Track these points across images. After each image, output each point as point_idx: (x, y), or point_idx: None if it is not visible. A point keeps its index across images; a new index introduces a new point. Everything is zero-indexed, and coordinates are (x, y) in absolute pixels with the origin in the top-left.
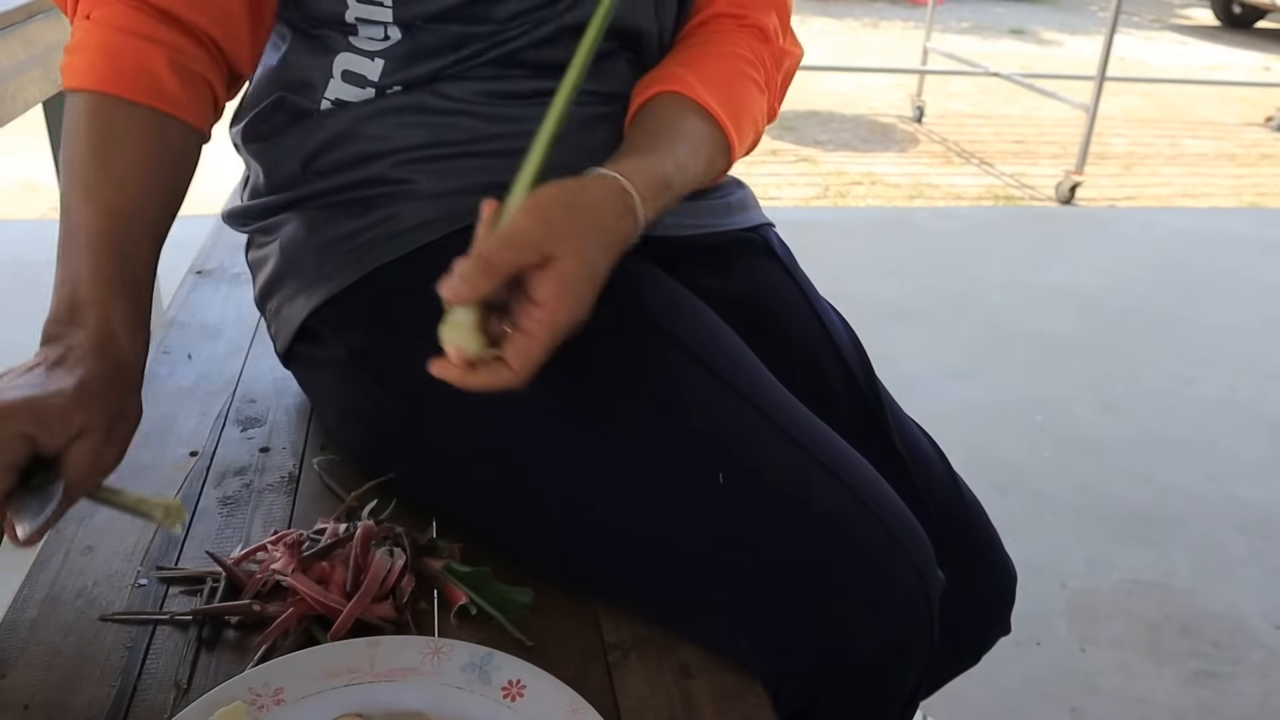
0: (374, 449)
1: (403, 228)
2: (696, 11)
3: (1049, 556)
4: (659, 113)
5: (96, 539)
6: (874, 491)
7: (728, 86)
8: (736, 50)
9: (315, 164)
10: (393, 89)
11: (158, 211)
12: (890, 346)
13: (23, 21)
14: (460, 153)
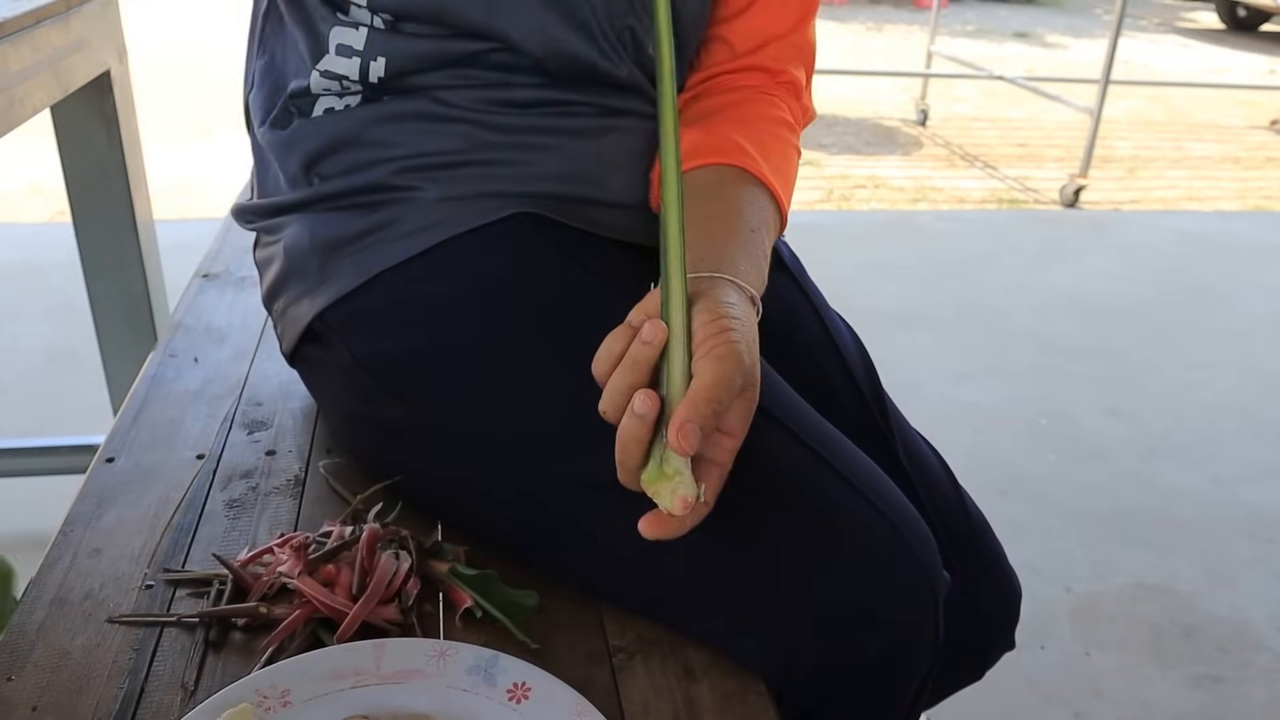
0: (379, 451)
1: (404, 232)
2: (733, 56)
3: (1053, 560)
4: (740, 195)
5: (104, 541)
6: (880, 491)
7: (782, 163)
8: (780, 115)
9: (318, 167)
10: (391, 94)
11: None
12: (894, 350)
13: (31, 26)
14: (462, 161)
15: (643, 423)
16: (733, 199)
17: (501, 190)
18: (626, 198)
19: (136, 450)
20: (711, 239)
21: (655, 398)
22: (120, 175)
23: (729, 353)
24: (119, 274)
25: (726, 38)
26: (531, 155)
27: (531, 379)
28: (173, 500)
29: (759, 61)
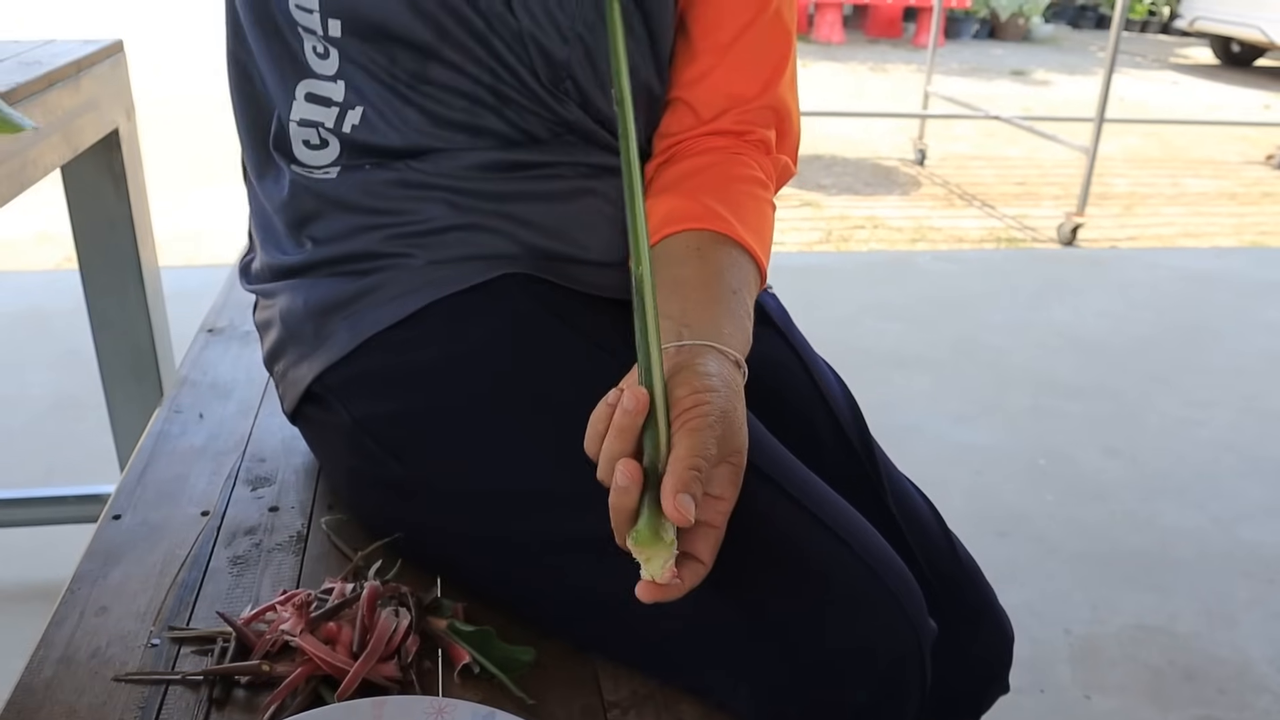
0: (379, 510)
1: (394, 295)
2: (699, 121)
3: (1052, 602)
4: (719, 257)
5: (110, 599)
6: (866, 543)
7: (757, 222)
8: (752, 174)
9: (308, 229)
10: (369, 159)
11: None
12: (893, 391)
13: (43, 90)
14: (447, 226)
15: (626, 493)
16: (712, 262)
17: (487, 253)
18: (607, 256)
19: (143, 507)
20: (693, 306)
21: (636, 467)
22: (127, 229)
23: (701, 424)
24: (126, 326)
25: (690, 102)
26: (513, 219)
27: (523, 437)
28: (178, 557)
29: (725, 126)
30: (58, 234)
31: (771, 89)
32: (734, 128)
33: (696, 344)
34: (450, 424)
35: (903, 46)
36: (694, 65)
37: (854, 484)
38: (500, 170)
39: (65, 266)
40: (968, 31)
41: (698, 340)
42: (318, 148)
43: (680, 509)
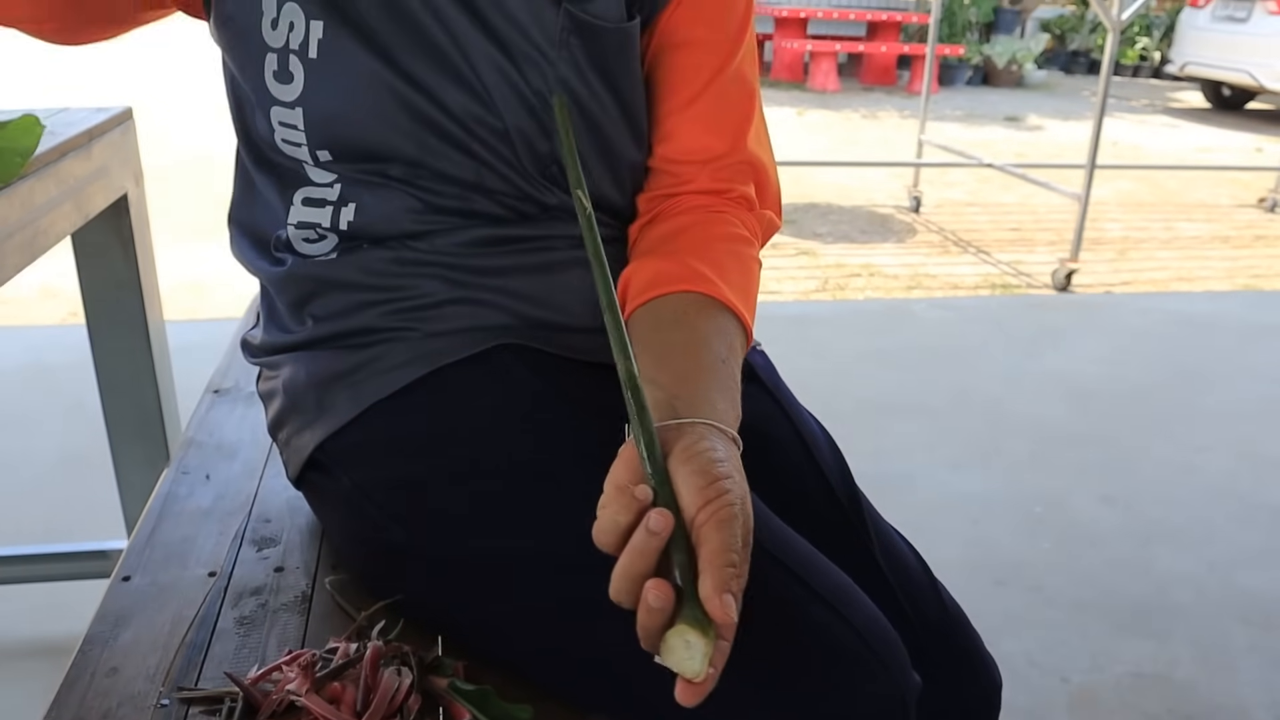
0: (381, 573)
1: (394, 365)
2: (677, 182)
3: (1050, 651)
4: (705, 323)
5: (121, 660)
6: (850, 603)
7: (742, 280)
8: (736, 232)
9: (309, 307)
10: (367, 242)
11: None
12: (890, 440)
13: (56, 160)
14: (444, 300)
15: (661, 614)
16: (698, 329)
17: (482, 325)
18: (596, 321)
19: (152, 568)
20: (684, 376)
21: (668, 588)
22: (135, 291)
23: (727, 515)
24: (132, 386)
25: (664, 167)
26: (506, 292)
27: (518, 503)
28: (186, 618)
29: (705, 185)
30: (62, 289)
31: (741, 144)
32: (714, 186)
33: (697, 422)
34: (447, 490)
35: (897, 94)
36: (660, 126)
37: (840, 535)
38: (492, 245)
39: (70, 321)
40: (962, 78)
41: (696, 418)
42: (316, 241)
43: (726, 610)
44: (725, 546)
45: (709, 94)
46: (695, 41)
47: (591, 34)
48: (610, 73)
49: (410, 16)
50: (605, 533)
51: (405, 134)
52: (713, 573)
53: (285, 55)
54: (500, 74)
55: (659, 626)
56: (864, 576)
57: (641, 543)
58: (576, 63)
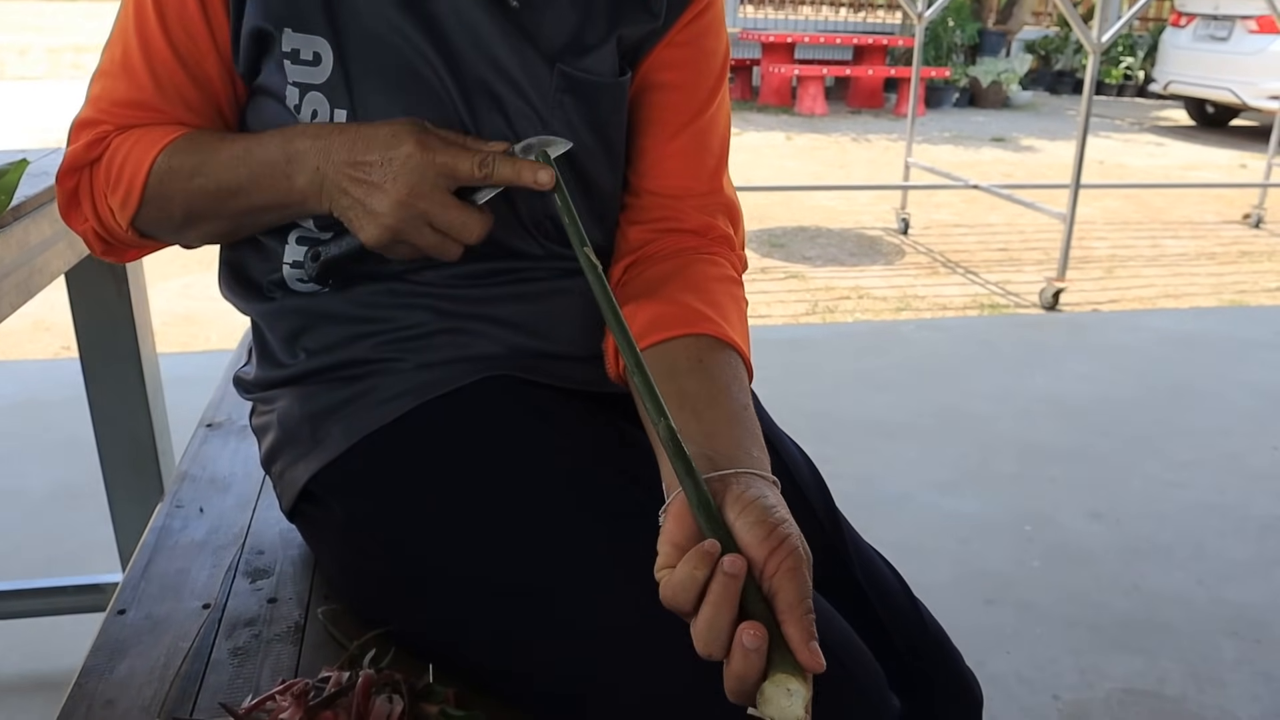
0: (373, 602)
1: (385, 397)
2: (659, 219)
3: (1041, 669)
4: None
5: (116, 693)
6: (829, 630)
7: (739, 321)
8: (726, 273)
9: (301, 340)
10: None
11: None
12: (880, 461)
13: (50, 201)
14: (433, 331)
15: (759, 656)
16: (717, 377)
17: (471, 354)
18: (582, 349)
19: (146, 602)
20: (715, 427)
21: (761, 628)
22: (128, 326)
23: (798, 563)
24: (126, 421)
25: (650, 202)
26: (495, 321)
27: (508, 532)
28: (181, 650)
29: (688, 224)
30: (55, 323)
31: (718, 184)
32: (698, 226)
33: (740, 472)
34: (439, 521)
35: (884, 116)
36: (641, 159)
37: (821, 557)
38: (481, 277)
39: (63, 355)
40: (948, 100)
41: (737, 468)
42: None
43: (816, 658)
44: (802, 594)
45: (691, 132)
46: (677, 84)
47: (584, 91)
48: (601, 126)
49: (426, 88)
50: (682, 589)
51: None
52: (796, 621)
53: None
54: (497, 134)
55: (758, 670)
56: (845, 597)
57: (721, 590)
58: (570, 120)
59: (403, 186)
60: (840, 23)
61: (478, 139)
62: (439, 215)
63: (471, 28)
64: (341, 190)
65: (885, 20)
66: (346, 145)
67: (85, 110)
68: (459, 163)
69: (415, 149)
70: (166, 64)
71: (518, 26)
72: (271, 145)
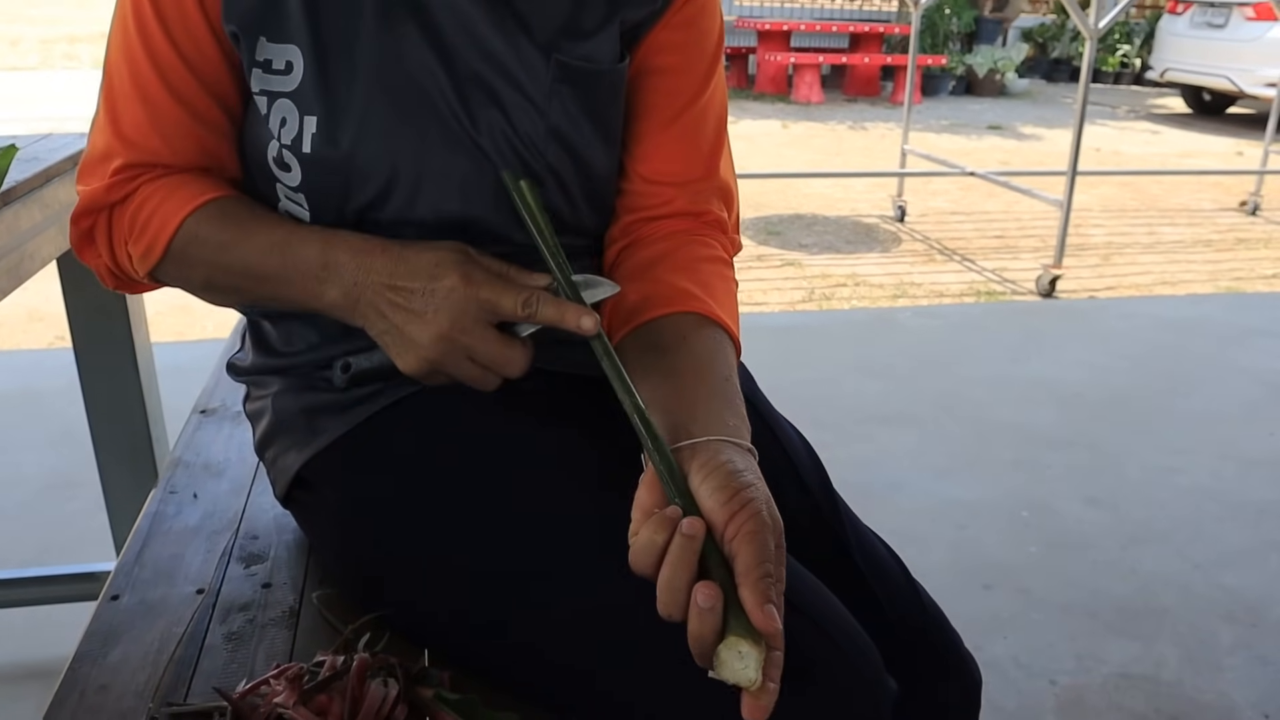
0: (367, 586)
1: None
2: (656, 204)
3: (1038, 654)
4: (704, 344)
5: (110, 678)
6: (826, 614)
7: (728, 300)
8: (716, 254)
9: (297, 333)
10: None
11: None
12: (877, 449)
13: (40, 187)
14: None
15: (712, 613)
16: (699, 352)
17: None
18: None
19: (140, 587)
20: (693, 400)
21: (714, 587)
22: (122, 315)
23: (757, 526)
24: (120, 409)
25: (642, 188)
26: None
27: (501, 518)
28: (175, 635)
29: (680, 208)
30: (49, 313)
31: (714, 169)
32: (691, 209)
33: (711, 439)
34: (432, 506)
35: (881, 104)
36: (637, 145)
37: (819, 539)
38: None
39: (57, 345)
40: (945, 88)
41: (708, 435)
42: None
43: (770, 620)
44: (759, 558)
45: (686, 118)
46: (673, 68)
47: (583, 80)
48: (600, 114)
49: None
50: (643, 553)
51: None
52: (751, 585)
53: (279, 147)
54: (493, 128)
55: (713, 630)
56: (843, 579)
57: (679, 550)
58: (568, 110)
59: (444, 320)
60: (836, 10)
61: (522, 270)
62: (480, 350)
63: (464, 19)
64: (379, 313)
65: (881, 8)
66: (388, 267)
67: (97, 141)
68: (503, 299)
69: (459, 282)
70: (178, 73)
71: (512, 15)
72: (309, 246)
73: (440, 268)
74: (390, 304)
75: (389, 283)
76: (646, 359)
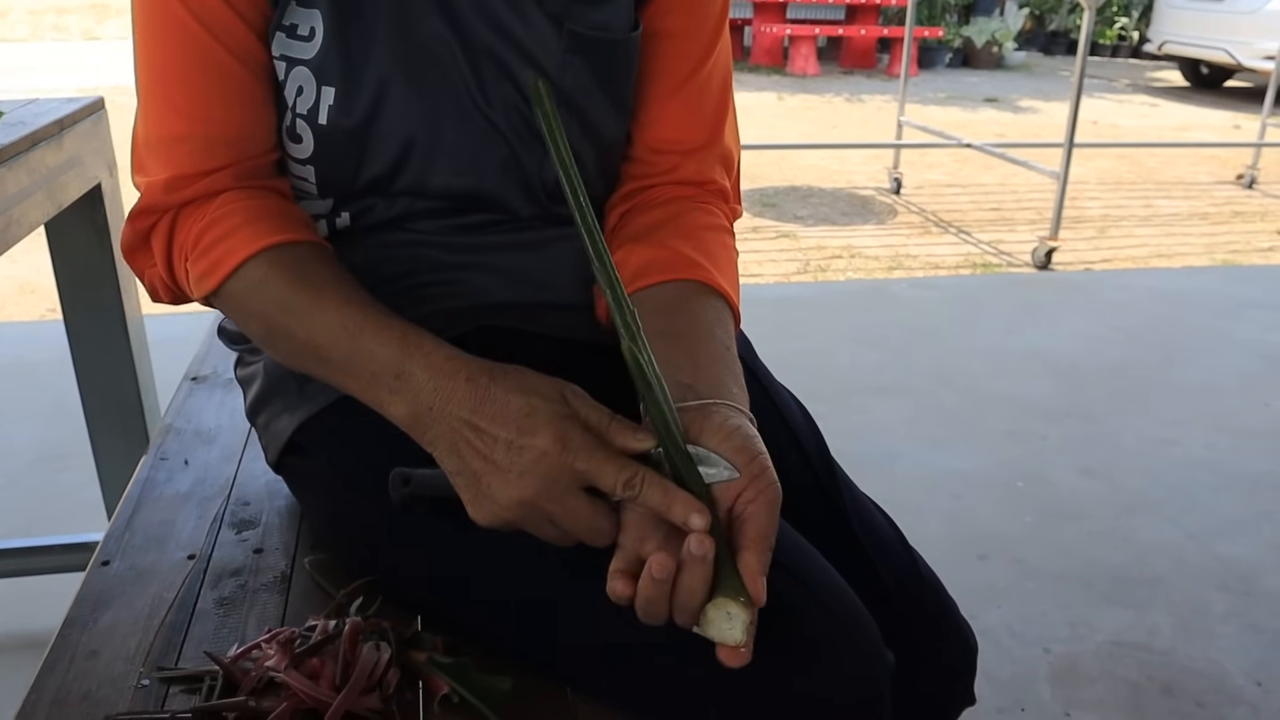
0: (359, 552)
1: None
2: (660, 171)
3: (1032, 622)
4: (705, 312)
5: (100, 643)
6: (825, 586)
7: (729, 269)
8: (719, 222)
9: None
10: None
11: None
12: (873, 420)
13: (26, 150)
14: (426, 281)
15: (706, 564)
16: (701, 319)
17: (463, 304)
18: (574, 298)
19: (131, 553)
20: (698, 363)
21: (710, 539)
22: (112, 282)
23: (774, 496)
24: (111, 377)
25: (646, 155)
26: (489, 269)
27: None
28: (166, 600)
29: (685, 176)
30: (41, 286)
31: (719, 136)
32: (695, 178)
33: (721, 403)
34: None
35: (877, 77)
36: (643, 112)
37: (816, 507)
38: (477, 227)
39: (49, 317)
40: (941, 60)
41: (718, 399)
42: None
43: (763, 592)
44: (770, 528)
45: (691, 84)
46: (677, 32)
47: (596, 50)
48: (614, 84)
49: (433, 58)
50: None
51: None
52: (758, 553)
53: (294, 117)
54: (505, 101)
55: (702, 582)
56: (840, 545)
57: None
58: (580, 81)
59: (530, 485)
60: None
61: (624, 427)
62: (567, 522)
63: None
64: (454, 450)
65: None
66: (470, 403)
67: (149, 127)
68: (602, 476)
69: (553, 445)
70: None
71: None
72: (387, 346)
73: (533, 420)
74: (469, 445)
75: (470, 420)
76: (649, 321)
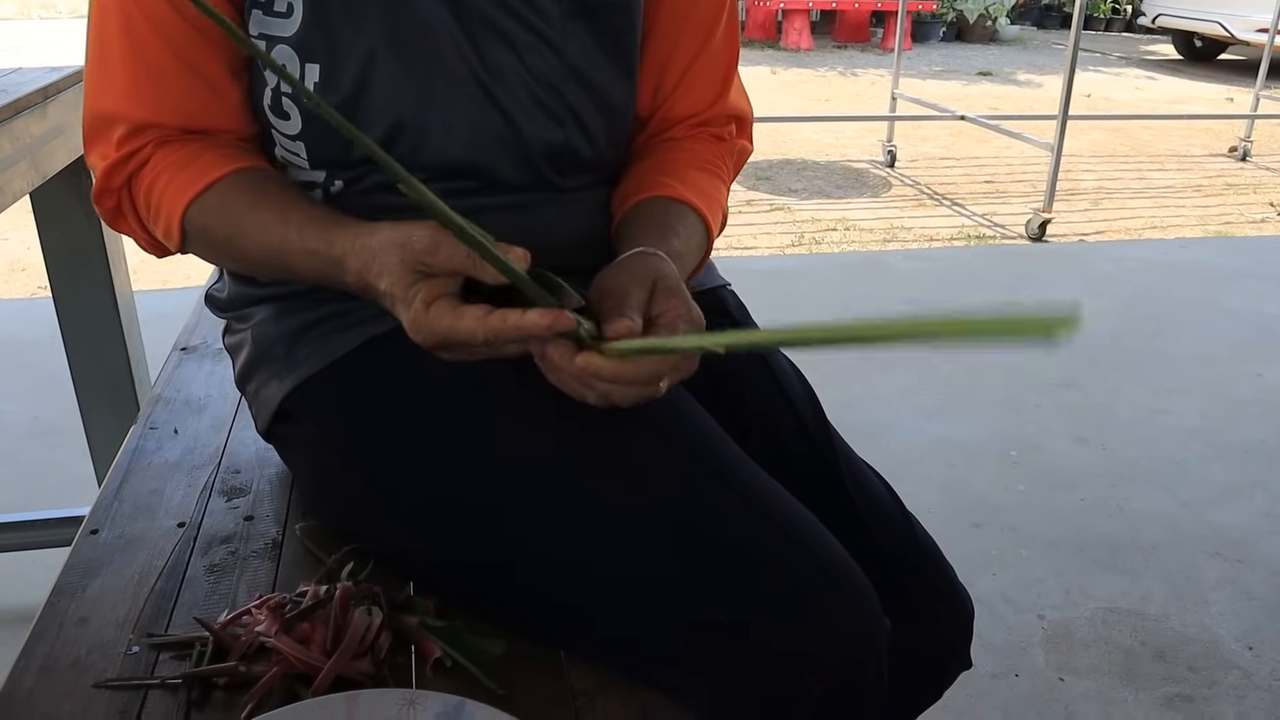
0: (348, 518)
1: (360, 318)
2: (656, 129)
3: (1026, 589)
4: (653, 211)
5: (89, 610)
6: (821, 548)
7: (701, 185)
8: (702, 154)
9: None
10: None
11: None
12: (868, 390)
13: (9, 119)
14: None
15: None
16: (659, 219)
17: None
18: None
19: (120, 521)
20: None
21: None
22: (100, 254)
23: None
24: (100, 350)
25: (660, 126)
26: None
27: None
28: (156, 568)
29: (685, 131)
30: (31, 263)
31: (724, 99)
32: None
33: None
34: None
35: (871, 50)
36: (659, 87)
37: (814, 473)
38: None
39: (39, 295)
40: (935, 34)
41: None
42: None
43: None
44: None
45: (703, 57)
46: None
47: (597, 13)
48: (619, 49)
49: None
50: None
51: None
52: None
53: (278, 94)
54: (506, 71)
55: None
56: (836, 509)
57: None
58: (584, 47)
59: (423, 342)
60: None
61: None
62: (474, 353)
63: None
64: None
65: None
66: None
67: (93, 104)
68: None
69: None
70: (169, 21)
71: None
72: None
73: (393, 302)
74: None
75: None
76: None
